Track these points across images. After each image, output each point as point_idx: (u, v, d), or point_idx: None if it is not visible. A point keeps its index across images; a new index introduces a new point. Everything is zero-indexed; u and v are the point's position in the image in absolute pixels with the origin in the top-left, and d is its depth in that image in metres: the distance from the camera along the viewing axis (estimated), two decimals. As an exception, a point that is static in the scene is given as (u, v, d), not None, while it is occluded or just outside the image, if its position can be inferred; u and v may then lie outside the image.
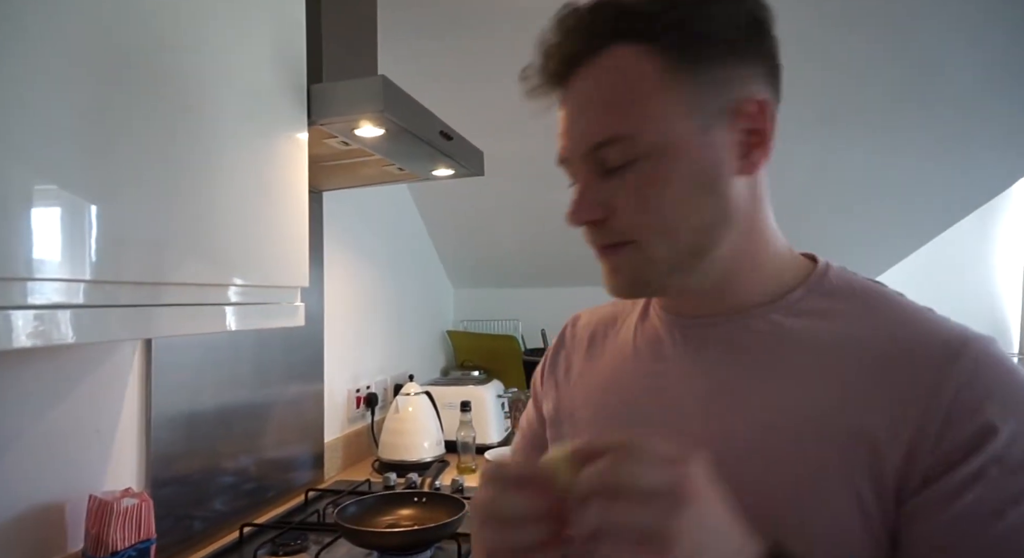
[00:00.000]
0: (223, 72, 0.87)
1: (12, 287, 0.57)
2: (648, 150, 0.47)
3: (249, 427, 1.42)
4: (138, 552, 0.94)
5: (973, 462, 0.40)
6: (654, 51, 0.47)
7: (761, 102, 0.48)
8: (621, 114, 0.47)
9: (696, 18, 0.47)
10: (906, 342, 0.45)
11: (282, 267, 1.00)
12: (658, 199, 0.47)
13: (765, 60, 0.49)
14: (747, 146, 0.48)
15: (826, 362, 0.47)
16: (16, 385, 0.90)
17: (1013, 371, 0.43)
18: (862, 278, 0.52)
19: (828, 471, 0.44)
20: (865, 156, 2.08)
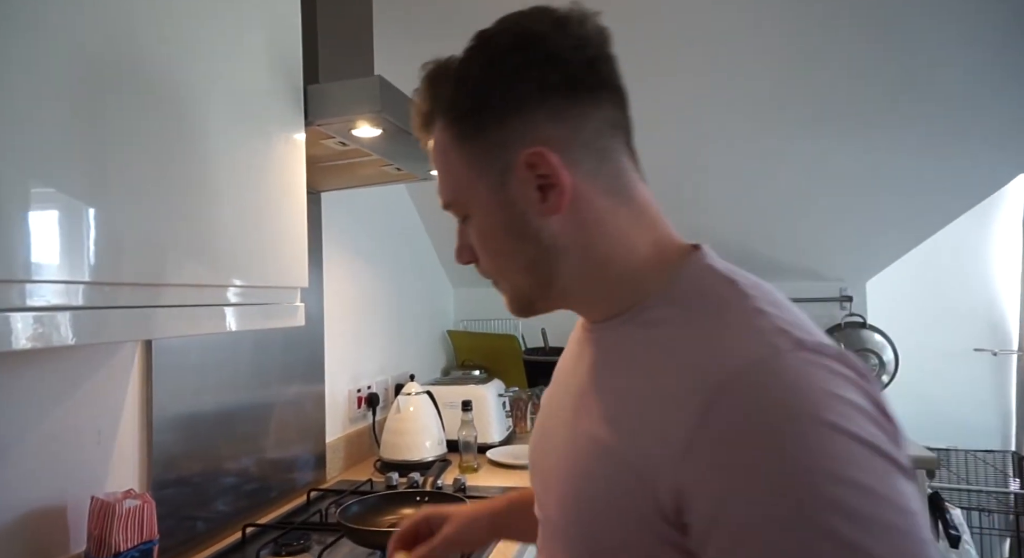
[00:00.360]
0: (219, 74, 0.88)
1: (11, 289, 0.58)
2: (467, 211, 0.55)
3: (251, 428, 1.43)
4: (141, 553, 0.94)
5: (721, 528, 0.39)
6: (448, 125, 0.54)
7: (539, 152, 0.50)
8: (444, 183, 0.56)
9: (467, 87, 0.52)
10: (696, 366, 0.44)
11: (281, 267, 1.00)
12: (488, 250, 0.55)
13: (547, 104, 0.51)
14: (544, 190, 0.51)
15: (633, 378, 0.49)
16: (18, 387, 0.91)
17: (770, 409, 0.39)
18: (718, 279, 0.51)
19: (614, 482, 0.46)
20: (862, 154, 2.09)
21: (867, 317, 2.62)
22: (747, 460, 0.39)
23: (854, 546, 0.35)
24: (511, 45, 0.52)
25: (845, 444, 0.38)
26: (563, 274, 0.53)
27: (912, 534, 0.37)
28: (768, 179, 2.24)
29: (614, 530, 0.46)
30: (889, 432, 0.40)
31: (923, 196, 2.22)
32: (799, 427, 0.38)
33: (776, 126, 2.04)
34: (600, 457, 0.48)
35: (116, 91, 0.70)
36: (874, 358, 2.56)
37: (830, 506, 0.36)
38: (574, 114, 0.52)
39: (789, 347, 0.42)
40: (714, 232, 2.48)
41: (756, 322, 0.44)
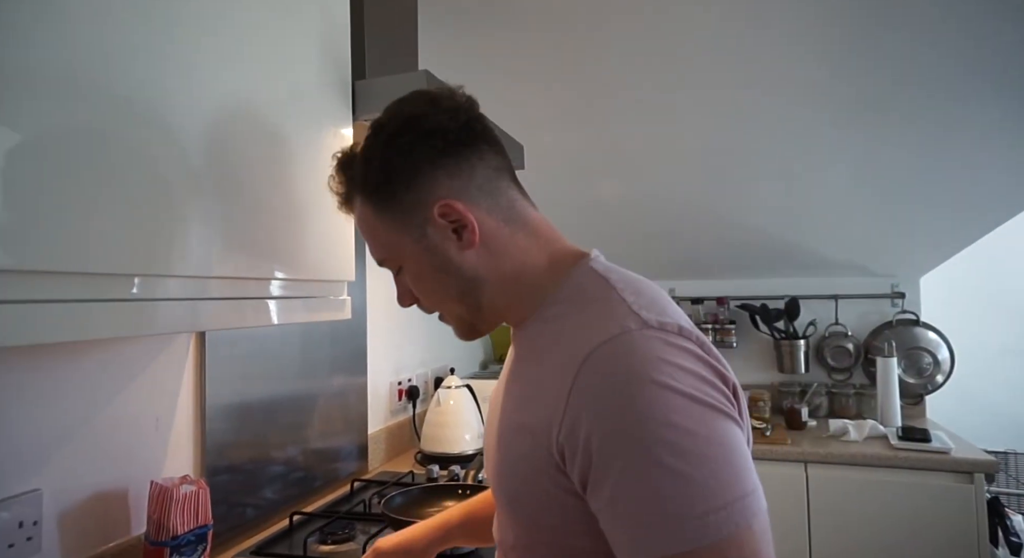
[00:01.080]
0: (270, 70, 0.89)
1: (74, 281, 0.60)
2: (399, 264, 0.66)
3: (297, 418, 1.46)
4: (196, 537, 0.97)
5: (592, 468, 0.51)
6: (366, 199, 0.65)
7: (447, 203, 0.62)
8: (373, 246, 0.68)
9: (372, 167, 0.64)
10: (571, 348, 0.55)
11: (329, 261, 1.02)
12: (423, 290, 0.67)
13: (441, 165, 0.62)
14: (458, 233, 0.63)
15: (534, 367, 0.61)
16: (81, 375, 0.95)
17: (619, 368, 0.51)
18: (596, 278, 0.62)
19: (521, 451, 0.58)
20: (918, 143, 2.00)
21: (920, 314, 2.52)
22: (601, 409, 0.51)
23: (678, 472, 0.48)
24: (402, 127, 0.63)
25: (670, 397, 0.50)
26: (487, 296, 0.65)
27: (727, 462, 0.49)
28: (817, 170, 2.17)
29: (527, 487, 0.58)
30: (715, 387, 0.53)
31: (984, 188, 2.12)
32: (635, 385, 0.50)
33: (827, 114, 1.97)
34: (514, 431, 0.60)
35: (169, 88, 0.72)
36: (928, 357, 2.47)
37: (658, 443, 0.48)
38: (464, 168, 0.63)
39: (636, 326, 0.54)
40: (758, 227, 2.43)
41: (615, 309, 0.57)
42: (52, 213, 0.57)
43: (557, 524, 0.58)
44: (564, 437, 0.53)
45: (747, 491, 0.49)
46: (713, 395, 0.52)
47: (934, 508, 1.92)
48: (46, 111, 0.57)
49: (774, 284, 2.67)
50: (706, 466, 0.48)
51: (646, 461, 0.48)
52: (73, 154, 0.59)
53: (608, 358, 0.52)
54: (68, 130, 0.59)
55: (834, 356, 2.59)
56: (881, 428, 2.19)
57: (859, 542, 1.98)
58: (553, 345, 0.59)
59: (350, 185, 0.67)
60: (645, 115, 2.08)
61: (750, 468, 0.51)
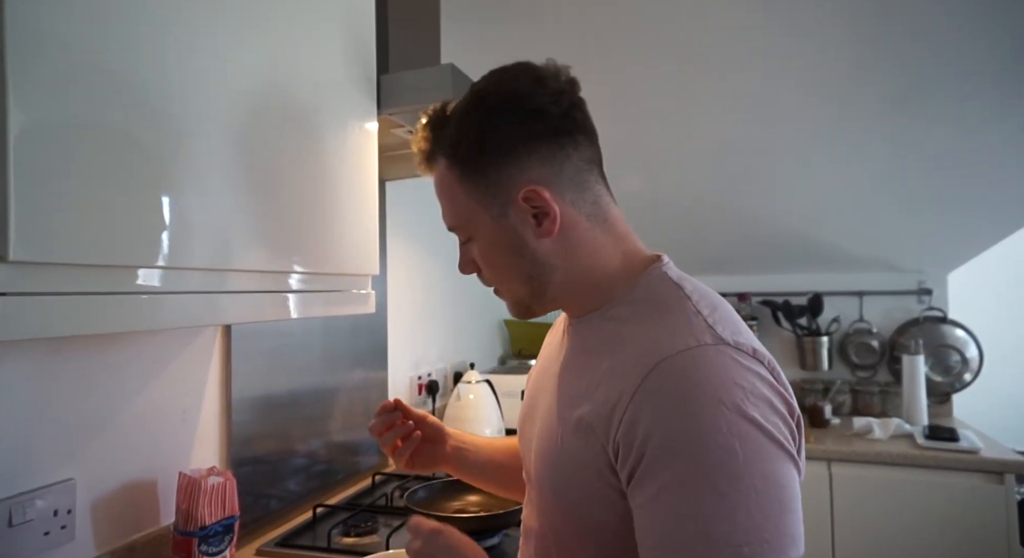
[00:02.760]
0: (295, 64, 0.89)
1: (96, 274, 0.61)
2: (470, 235, 0.66)
3: (319, 411, 1.47)
4: (224, 527, 0.98)
5: (642, 466, 0.51)
6: (453, 164, 0.64)
7: (534, 190, 0.61)
8: (449, 211, 0.67)
9: (472, 134, 0.62)
10: (641, 350, 0.55)
11: (354, 255, 1.02)
12: (490, 265, 0.66)
13: (536, 150, 0.61)
14: (539, 219, 0.62)
15: (599, 360, 0.60)
16: (111, 367, 0.96)
17: (689, 381, 0.51)
18: (668, 284, 0.62)
19: (575, 441, 0.58)
20: (947, 136, 1.95)
21: (948, 311, 2.47)
22: (665, 415, 0.51)
23: (726, 497, 0.47)
24: (504, 103, 0.62)
25: (737, 422, 0.49)
26: (554, 284, 0.64)
27: (778, 501, 0.48)
28: (842, 166, 2.13)
29: (575, 480, 0.58)
30: (783, 419, 0.52)
31: (1014, 184, 2.07)
32: (705, 401, 0.50)
33: (852, 110, 1.93)
34: (568, 424, 0.60)
35: (195, 81, 0.72)
36: (955, 355, 2.42)
37: (714, 466, 0.48)
38: (559, 156, 0.62)
39: (712, 341, 0.54)
40: (781, 222, 2.39)
41: (691, 321, 0.56)
42: (72, 206, 0.57)
43: (597, 519, 0.57)
44: (622, 435, 0.53)
45: (790, 534, 0.48)
46: (780, 429, 0.51)
47: (962, 509, 1.88)
48: (67, 104, 0.58)
49: (797, 280, 2.63)
50: (755, 500, 0.48)
51: (697, 479, 0.48)
52: (95, 147, 0.60)
53: (681, 368, 0.52)
54: (88, 122, 0.60)
55: (858, 353, 2.55)
56: (907, 426, 2.15)
57: (883, 542, 1.95)
58: (621, 345, 0.59)
59: (436, 145, 0.65)
60: (669, 111, 2.06)
61: (798, 514, 0.50)
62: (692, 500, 0.48)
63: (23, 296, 0.53)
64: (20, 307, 0.53)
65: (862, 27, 1.70)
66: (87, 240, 0.58)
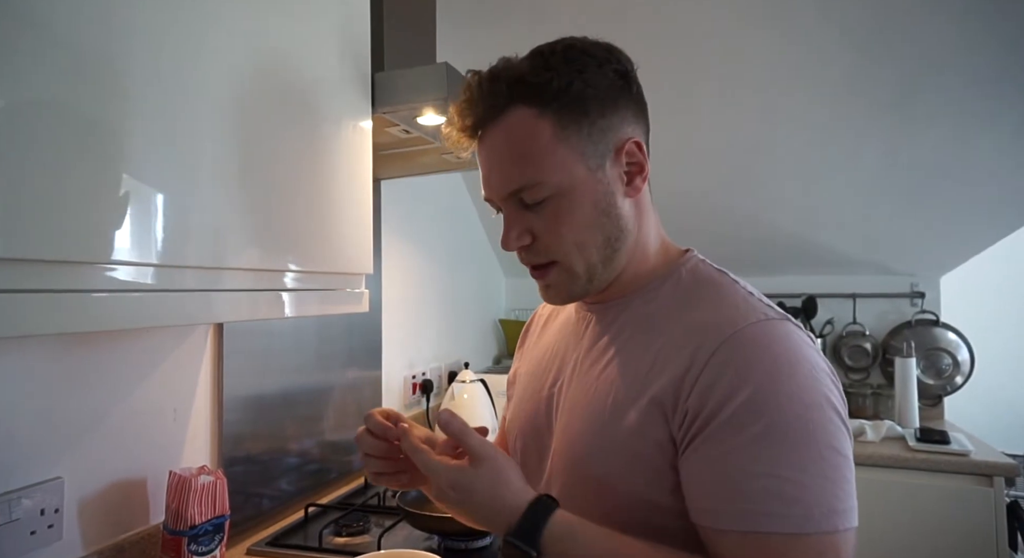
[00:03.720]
0: (290, 61, 0.89)
1: (93, 271, 0.60)
2: (555, 191, 0.60)
3: (312, 410, 1.46)
4: (214, 527, 0.98)
5: (713, 424, 0.52)
6: (546, 113, 0.59)
7: (636, 142, 0.61)
8: (529, 166, 0.60)
9: (575, 84, 0.59)
10: (703, 325, 0.56)
11: (348, 254, 1.02)
12: (569, 226, 0.61)
13: (634, 105, 0.62)
14: (630, 175, 0.62)
15: (651, 339, 0.60)
16: (101, 365, 0.95)
17: (768, 349, 0.53)
18: (712, 270, 0.64)
19: (625, 423, 0.58)
20: (942, 141, 1.96)
21: (940, 314, 2.48)
22: (742, 382, 0.51)
23: (799, 461, 0.49)
24: (606, 55, 0.61)
25: (808, 388, 0.51)
26: (625, 251, 0.63)
27: (843, 472, 0.51)
28: (837, 168, 2.14)
29: (635, 461, 0.57)
30: (840, 394, 0.55)
31: (1007, 188, 2.08)
32: (779, 368, 0.52)
33: (847, 112, 1.94)
34: (632, 404, 0.58)
35: (187, 77, 0.71)
36: (947, 358, 2.43)
37: (789, 429, 0.50)
38: (642, 120, 0.64)
39: (777, 317, 0.56)
40: (776, 224, 2.40)
41: (749, 300, 0.59)
42: (61, 202, 0.56)
43: (644, 499, 0.57)
44: (695, 398, 0.53)
45: (851, 504, 0.51)
46: (841, 404, 0.54)
47: (952, 511, 1.89)
48: (53, 99, 0.57)
49: (792, 282, 2.64)
50: (824, 467, 0.50)
51: (773, 443, 0.50)
52: (82, 142, 0.59)
53: (758, 337, 0.54)
54: (74, 117, 0.59)
55: (851, 356, 2.56)
56: (899, 429, 2.16)
57: (874, 544, 1.96)
58: (674, 321, 0.60)
59: (517, 94, 0.59)
60: (665, 111, 2.06)
61: (854, 486, 0.52)
62: (765, 460, 0.49)
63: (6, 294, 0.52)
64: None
65: (857, 31, 1.71)
66: (76, 237, 0.57)
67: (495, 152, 0.62)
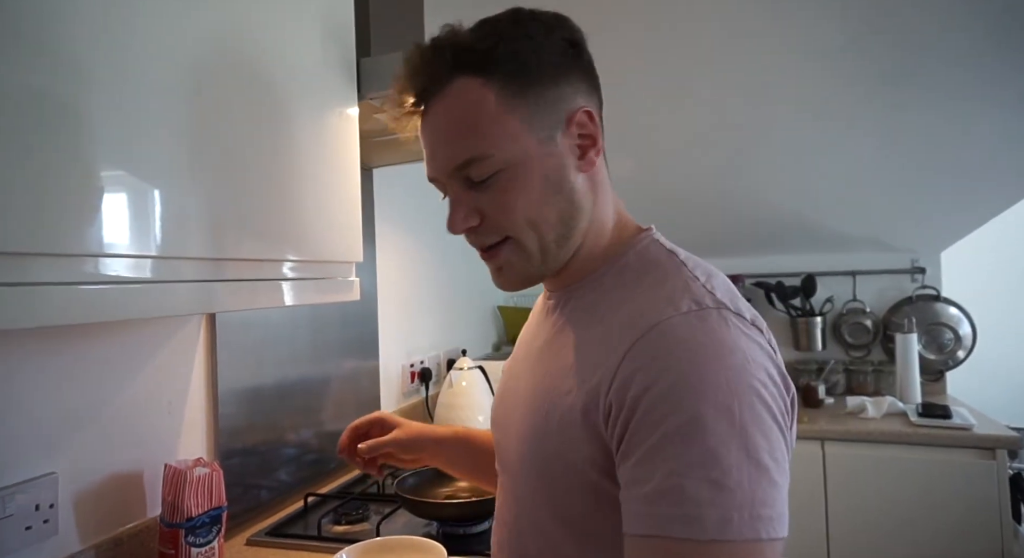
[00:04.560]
0: (274, 50, 0.87)
1: (85, 263, 0.59)
2: (503, 165, 0.56)
3: (309, 401, 1.46)
4: (211, 518, 0.98)
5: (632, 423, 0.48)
6: (492, 82, 0.56)
7: (588, 112, 0.58)
8: (475, 138, 0.56)
9: (522, 51, 0.56)
10: (634, 315, 0.53)
11: (337, 242, 1.01)
12: (521, 201, 0.57)
13: (585, 75, 0.60)
14: (583, 148, 0.58)
15: (589, 330, 0.58)
16: (95, 359, 0.95)
17: (688, 341, 0.49)
18: (661, 252, 0.60)
19: (566, 419, 0.55)
20: (941, 114, 1.94)
21: (941, 290, 2.47)
22: (662, 371, 0.48)
23: (723, 461, 0.45)
24: (554, 23, 0.59)
25: (735, 382, 0.47)
26: (579, 231, 0.60)
27: (768, 474, 0.46)
28: (834, 144, 2.12)
29: (565, 454, 0.55)
30: (780, 391, 0.50)
31: (1005, 162, 2.05)
32: (703, 361, 0.47)
33: (844, 87, 1.91)
34: (560, 396, 0.56)
35: (175, 72, 0.70)
36: (949, 332, 2.42)
37: (710, 427, 0.45)
38: (594, 92, 0.60)
39: (712, 305, 0.52)
40: (774, 202, 2.38)
41: (690, 285, 0.54)
42: (54, 195, 0.56)
43: (582, 499, 0.55)
44: (614, 395, 0.50)
45: (778, 510, 0.46)
46: (777, 401, 0.49)
47: (955, 485, 1.89)
48: (34, 93, 0.56)
49: (790, 261, 2.63)
50: (749, 469, 0.45)
51: (692, 442, 0.45)
52: (72, 136, 0.58)
53: (683, 328, 0.49)
54: (65, 110, 0.58)
55: (852, 333, 2.56)
56: (900, 405, 2.16)
57: (878, 519, 1.96)
58: (613, 311, 0.56)
59: (458, 65, 0.56)
60: (660, 92, 2.04)
61: (784, 490, 0.48)
62: (682, 460, 0.45)
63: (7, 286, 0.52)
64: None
65: (851, 8, 1.67)
66: (70, 230, 0.57)
67: (439, 126, 0.58)
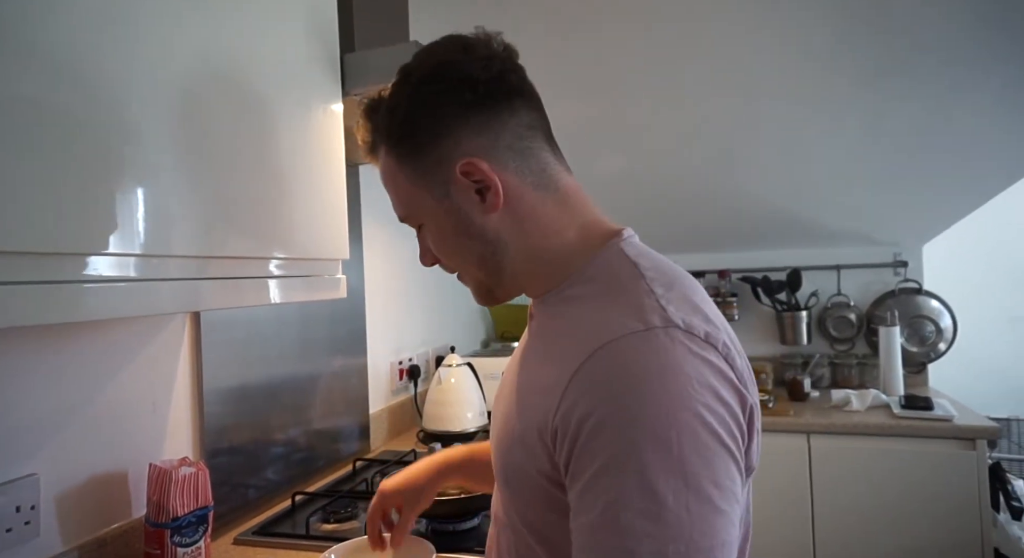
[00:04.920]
0: (257, 46, 0.86)
1: (68, 261, 0.58)
2: (420, 221, 0.64)
3: (297, 399, 1.45)
4: (197, 518, 0.97)
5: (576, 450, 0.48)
6: (391, 150, 0.62)
7: (470, 162, 0.58)
8: (395, 200, 0.65)
9: (403, 118, 0.60)
10: (582, 335, 0.52)
11: (322, 240, 1.00)
12: (444, 251, 0.64)
13: (469, 120, 0.59)
14: (482, 193, 0.59)
15: (551, 344, 0.58)
16: (78, 357, 0.93)
17: (630, 365, 0.48)
18: (624, 262, 0.58)
19: (521, 435, 0.56)
20: (920, 111, 1.96)
21: (923, 283, 2.50)
22: (603, 398, 0.48)
23: (657, 493, 0.44)
24: (430, 75, 0.59)
25: (679, 414, 0.46)
26: (509, 262, 0.62)
27: (710, 502, 0.45)
28: (819, 139, 2.14)
29: (519, 470, 0.57)
30: (730, 410, 0.49)
31: (985, 156, 2.09)
32: (641, 389, 0.47)
33: (831, 81, 1.93)
34: (517, 411, 0.58)
35: (151, 63, 0.69)
36: (930, 325, 2.46)
37: (650, 461, 0.45)
38: (493, 124, 0.59)
39: (660, 324, 0.50)
40: (759, 197, 2.40)
41: (642, 301, 0.53)
42: (32, 193, 0.55)
43: (544, 516, 0.56)
44: (559, 421, 0.50)
45: (720, 538, 0.45)
46: (725, 423, 0.48)
47: (937, 475, 1.92)
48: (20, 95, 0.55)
49: (776, 255, 2.65)
50: (686, 496, 0.44)
51: (627, 469, 0.45)
52: (53, 133, 0.57)
53: (624, 352, 0.49)
54: (46, 109, 0.57)
55: (836, 327, 2.59)
56: (884, 397, 2.19)
57: (862, 511, 1.99)
58: (568, 329, 0.56)
59: (375, 133, 0.64)
60: (646, 85, 2.04)
61: (732, 517, 0.47)
62: (619, 491, 0.45)
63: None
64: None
65: (835, 4, 1.69)
66: (31, 227, 0.56)
67: (382, 181, 0.66)
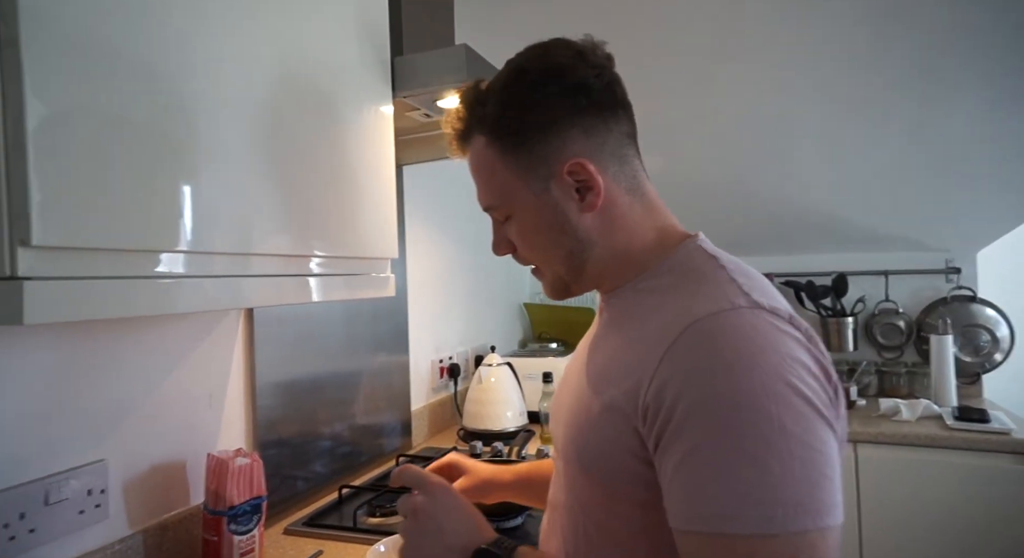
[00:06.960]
0: (310, 49, 0.89)
1: (133, 258, 0.62)
2: (509, 213, 0.66)
3: (342, 395, 1.49)
4: (252, 507, 1.01)
5: (671, 425, 0.50)
6: (493, 142, 0.64)
7: (579, 162, 0.61)
8: (487, 189, 0.67)
9: (511, 114, 0.62)
10: (670, 318, 0.55)
11: (372, 239, 1.02)
12: (529, 243, 0.67)
13: (579, 123, 0.62)
14: (582, 192, 0.62)
15: (628, 335, 0.61)
16: (139, 351, 0.98)
17: (722, 340, 0.50)
18: (703, 256, 0.61)
19: (603, 413, 0.58)
20: (974, 111, 1.89)
21: (978, 290, 2.41)
22: (697, 376, 0.49)
23: (760, 461, 0.46)
24: (546, 74, 0.62)
25: (773, 385, 0.48)
26: (593, 261, 0.65)
27: (814, 466, 0.47)
28: (865, 140, 2.08)
29: (604, 450, 0.58)
30: (821, 383, 0.51)
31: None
32: (740, 363, 0.49)
33: (877, 81, 1.88)
34: (599, 395, 0.59)
35: (211, 65, 0.72)
36: (985, 334, 2.36)
37: (749, 431, 0.47)
38: (601, 130, 0.62)
39: (747, 305, 0.53)
40: (803, 200, 2.35)
41: (725, 287, 0.56)
42: (93, 192, 0.58)
43: (625, 491, 0.57)
44: (651, 397, 0.52)
45: (826, 500, 0.47)
46: (817, 393, 0.50)
47: (992, 490, 1.85)
48: (86, 92, 0.58)
49: (821, 260, 2.58)
50: (789, 463, 0.46)
51: (729, 441, 0.47)
52: (115, 134, 0.60)
53: (716, 329, 0.51)
54: (107, 110, 0.60)
55: (884, 334, 2.51)
56: (935, 407, 2.11)
57: (912, 524, 1.93)
58: (652, 313, 0.59)
59: (474, 123, 0.66)
60: (690, 90, 2.02)
61: (836, 481, 0.49)
62: (722, 462, 0.47)
63: (46, 280, 0.54)
64: (43, 291, 0.53)
65: (879, 2, 1.64)
66: (108, 225, 0.59)
67: (471, 171, 0.68)
